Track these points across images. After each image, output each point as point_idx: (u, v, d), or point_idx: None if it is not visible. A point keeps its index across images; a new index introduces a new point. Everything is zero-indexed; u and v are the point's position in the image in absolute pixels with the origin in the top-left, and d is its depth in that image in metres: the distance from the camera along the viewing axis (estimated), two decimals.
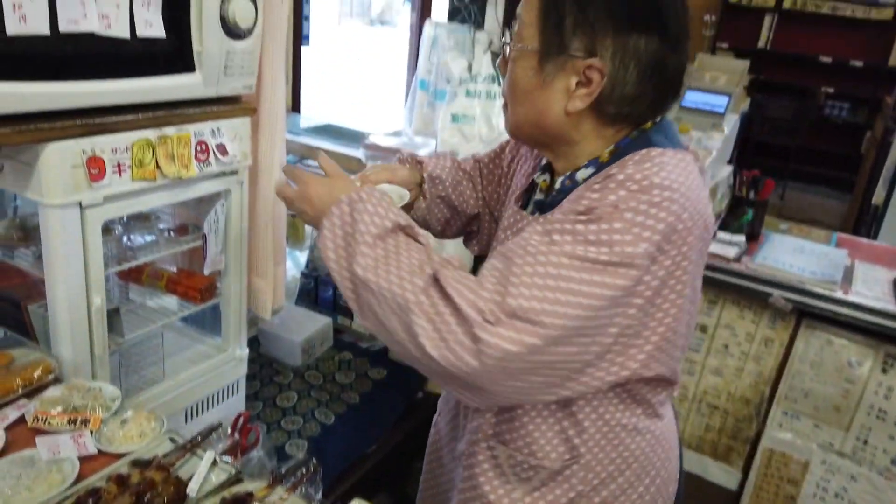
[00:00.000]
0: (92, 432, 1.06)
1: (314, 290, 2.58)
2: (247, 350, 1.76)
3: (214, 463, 1.01)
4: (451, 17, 2.27)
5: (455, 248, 1.90)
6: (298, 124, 2.68)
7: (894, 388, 2.00)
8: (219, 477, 0.99)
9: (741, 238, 2.21)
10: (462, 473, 1.09)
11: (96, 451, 1.04)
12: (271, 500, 0.95)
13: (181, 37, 1.29)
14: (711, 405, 2.26)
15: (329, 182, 1.01)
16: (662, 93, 0.92)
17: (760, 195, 2.28)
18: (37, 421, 1.07)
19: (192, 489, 0.95)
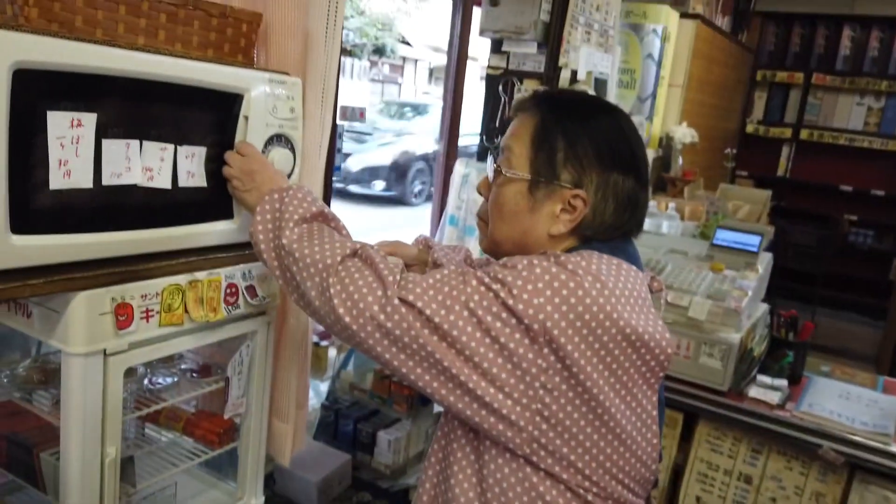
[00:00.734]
0: None
1: (334, 423, 2.49)
2: (262, 498, 1.66)
3: None
4: (481, 158, 2.31)
5: None
6: None
7: None
8: None
9: (783, 382, 2.10)
10: None
11: None
12: None
13: (222, 185, 1.30)
14: None
15: (273, 168, 1.27)
16: (634, 223, 1.05)
17: (800, 336, 2.19)
18: None
19: None
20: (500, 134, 1.11)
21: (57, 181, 1.03)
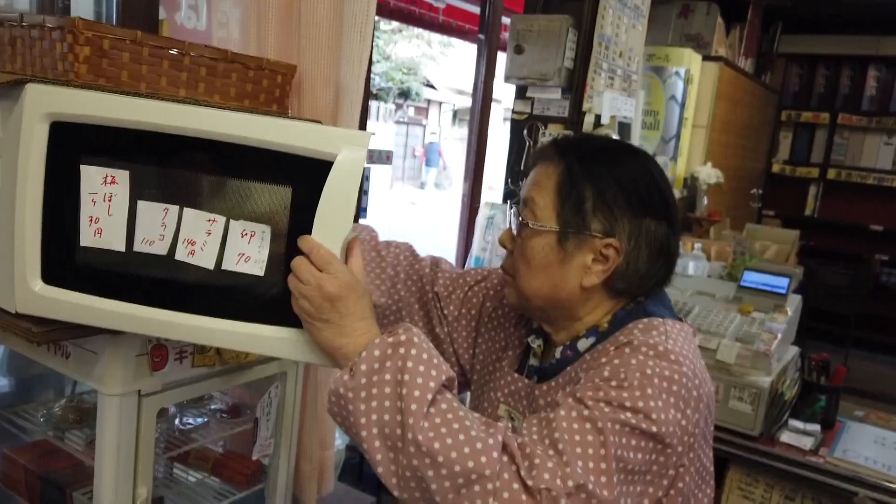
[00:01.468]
0: None
1: (359, 465, 2.48)
2: None
3: None
4: (506, 200, 2.34)
5: None
6: None
7: None
8: None
9: (816, 427, 2.06)
10: None
11: None
12: None
13: (284, 281, 0.98)
14: None
15: (362, 289, 0.92)
16: (668, 271, 1.02)
17: (833, 381, 2.15)
18: None
19: None
20: (525, 177, 1.11)
21: (87, 238, 0.98)
